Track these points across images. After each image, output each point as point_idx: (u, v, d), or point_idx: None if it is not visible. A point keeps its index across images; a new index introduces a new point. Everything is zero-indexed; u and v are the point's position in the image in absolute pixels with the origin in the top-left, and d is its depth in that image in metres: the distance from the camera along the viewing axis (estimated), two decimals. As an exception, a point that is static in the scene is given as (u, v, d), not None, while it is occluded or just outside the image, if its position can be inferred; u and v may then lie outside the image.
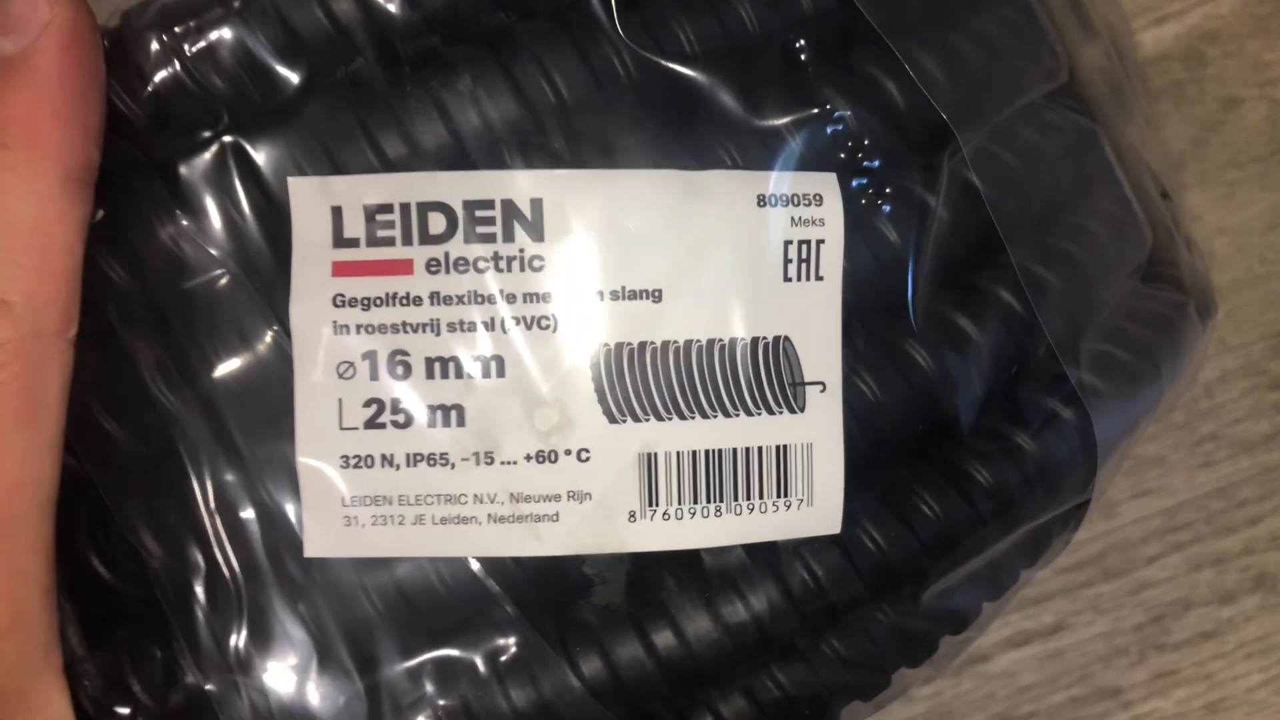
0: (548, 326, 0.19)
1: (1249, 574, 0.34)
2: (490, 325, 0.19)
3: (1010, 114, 0.22)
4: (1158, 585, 0.34)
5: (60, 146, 0.17)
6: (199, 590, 0.20)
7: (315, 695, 0.20)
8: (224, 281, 0.19)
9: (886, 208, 0.20)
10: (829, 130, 0.20)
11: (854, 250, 0.20)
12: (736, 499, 0.20)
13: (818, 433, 0.20)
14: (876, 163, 0.20)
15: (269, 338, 0.19)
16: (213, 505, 0.20)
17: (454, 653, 0.20)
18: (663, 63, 0.19)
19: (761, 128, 0.20)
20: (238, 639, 0.20)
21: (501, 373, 0.19)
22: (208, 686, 0.20)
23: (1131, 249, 0.25)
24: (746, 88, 0.20)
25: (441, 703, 0.19)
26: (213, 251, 0.19)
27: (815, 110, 0.20)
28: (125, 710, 0.20)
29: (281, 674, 0.20)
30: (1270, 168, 0.34)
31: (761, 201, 0.19)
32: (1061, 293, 0.22)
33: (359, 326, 0.19)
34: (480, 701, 0.19)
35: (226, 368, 0.19)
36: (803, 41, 0.20)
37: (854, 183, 0.20)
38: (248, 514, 0.20)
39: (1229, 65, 0.34)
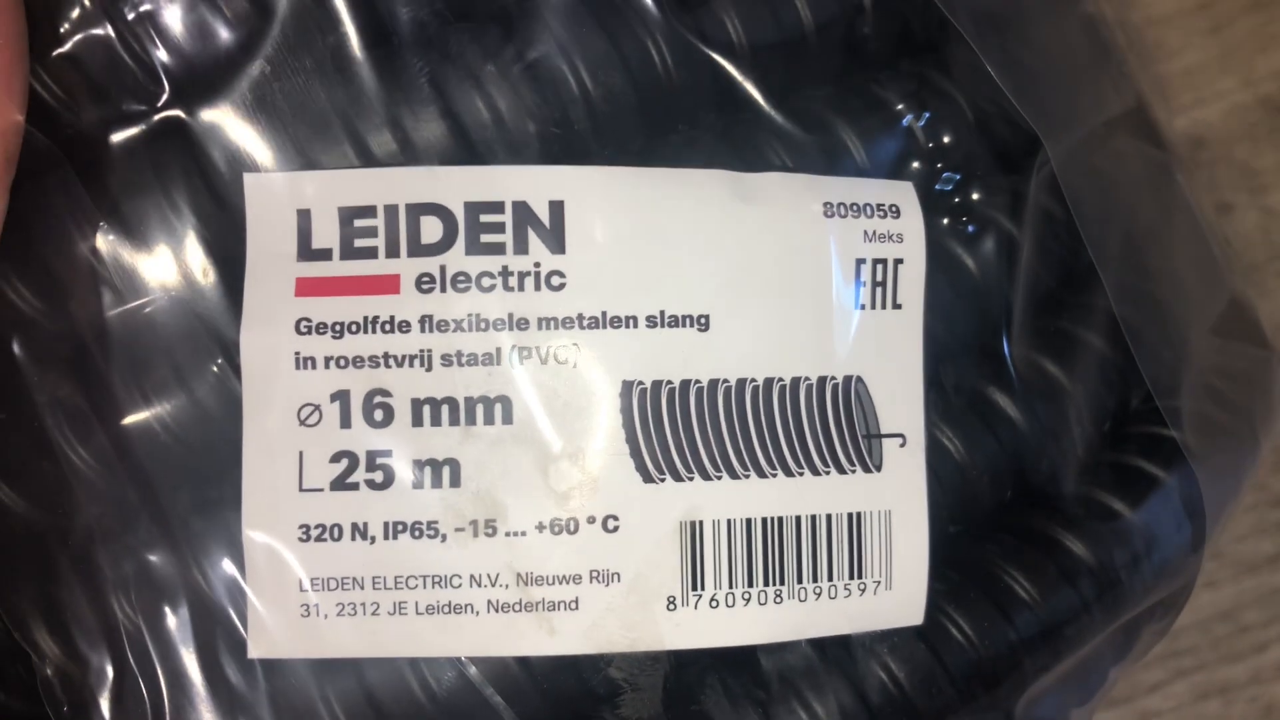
0: (567, 360, 0.15)
1: (1256, 705, 0.31)
2: (495, 358, 0.15)
3: (1090, 133, 0.19)
4: (1161, 716, 0.31)
5: None
6: (104, 706, 0.15)
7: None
8: (158, 306, 0.15)
9: (970, 228, 0.17)
10: (898, 135, 0.17)
11: (931, 279, 0.17)
12: (801, 581, 0.16)
13: (897, 497, 0.16)
14: (956, 176, 0.17)
15: (213, 376, 0.15)
16: (130, 593, 0.15)
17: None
18: (707, 51, 0.16)
19: (814, 127, 0.17)
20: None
21: (508, 419, 0.15)
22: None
23: (1215, 294, 0.22)
24: (801, 85, 0.17)
25: None
26: (145, 268, 0.15)
27: (878, 114, 0.17)
28: None
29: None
30: (1265, 276, 0.33)
31: (829, 210, 0.16)
32: (1156, 339, 0.19)
33: (328, 359, 0.15)
34: None
35: (156, 414, 0.15)
36: (866, 34, 0.17)
37: (931, 198, 0.17)
38: (176, 604, 0.15)
39: (1219, 171, 0.33)
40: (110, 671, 0.15)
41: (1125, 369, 0.19)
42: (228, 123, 0.15)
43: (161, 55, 0.15)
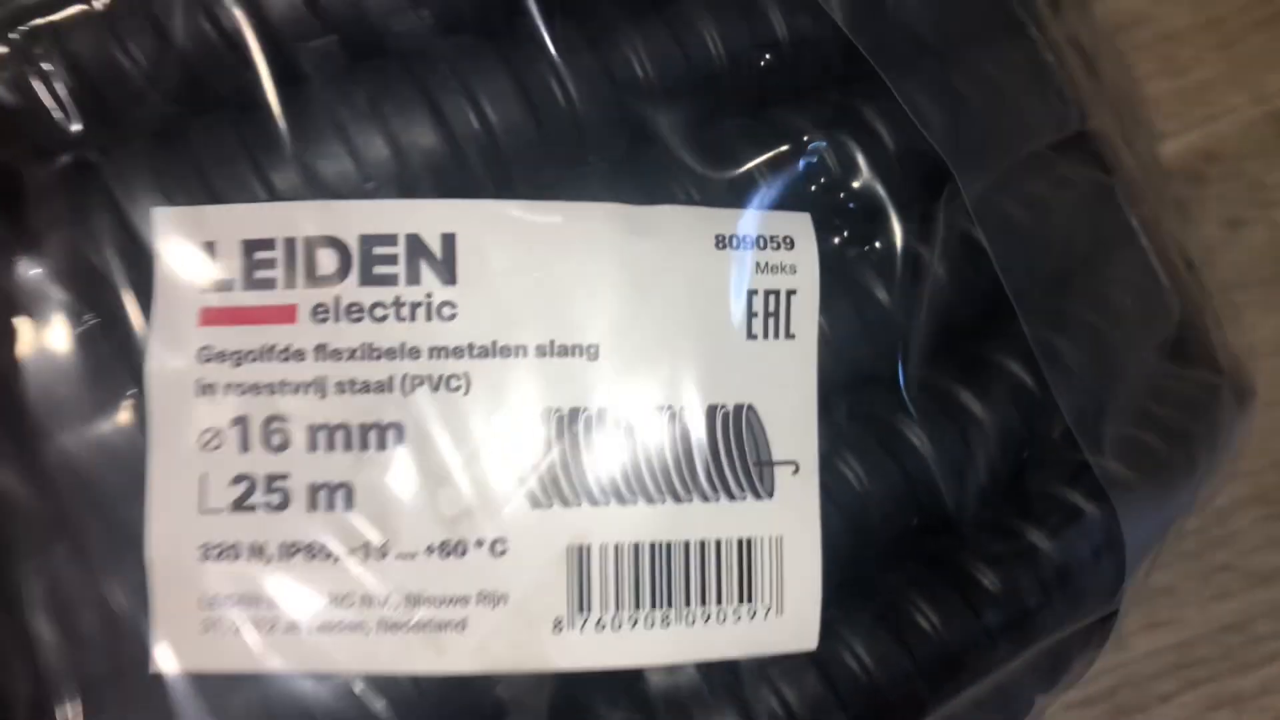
0: (458, 388, 0.16)
1: (1267, 715, 0.31)
2: (388, 386, 0.16)
3: (1017, 162, 0.19)
4: (1173, 726, 0.31)
5: None
6: (23, 717, 0.16)
7: None
8: (72, 335, 0.16)
9: (879, 256, 0.17)
10: (802, 165, 0.17)
11: (835, 307, 0.17)
12: (689, 604, 0.16)
13: (789, 523, 0.16)
14: (854, 206, 0.17)
15: (123, 402, 0.16)
16: (41, 610, 0.16)
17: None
18: (611, 81, 0.16)
19: (723, 159, 0.17)
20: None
21: (400, 444, 0.16)
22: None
23: (1157, 320, 0.22)
24: (706, 116, 0.17)
25: None
26: (58, 298, 0.16)
27: (786, 143, 0.17)
28: None
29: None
30: (1274, 291, 0.33)
31: (721, 242, 0.16)
32: (1080, 366, 0.19)
33: (228, 386, 0.16)
34: None
35: (68, 438, 0.16)
36: (774, 68, 0.17)
37: (833, 229, 0.17)
38: (86, 620, 0.16)
39: (1230, 186, 0.33)
40: (25, 684, 0.16)
41: (1046, 398, 0.19)
42: (138, 159, 0.16)
43: (73, 95, 0.16)
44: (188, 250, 0.16)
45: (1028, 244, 0.19)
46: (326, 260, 0.16)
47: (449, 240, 0.16)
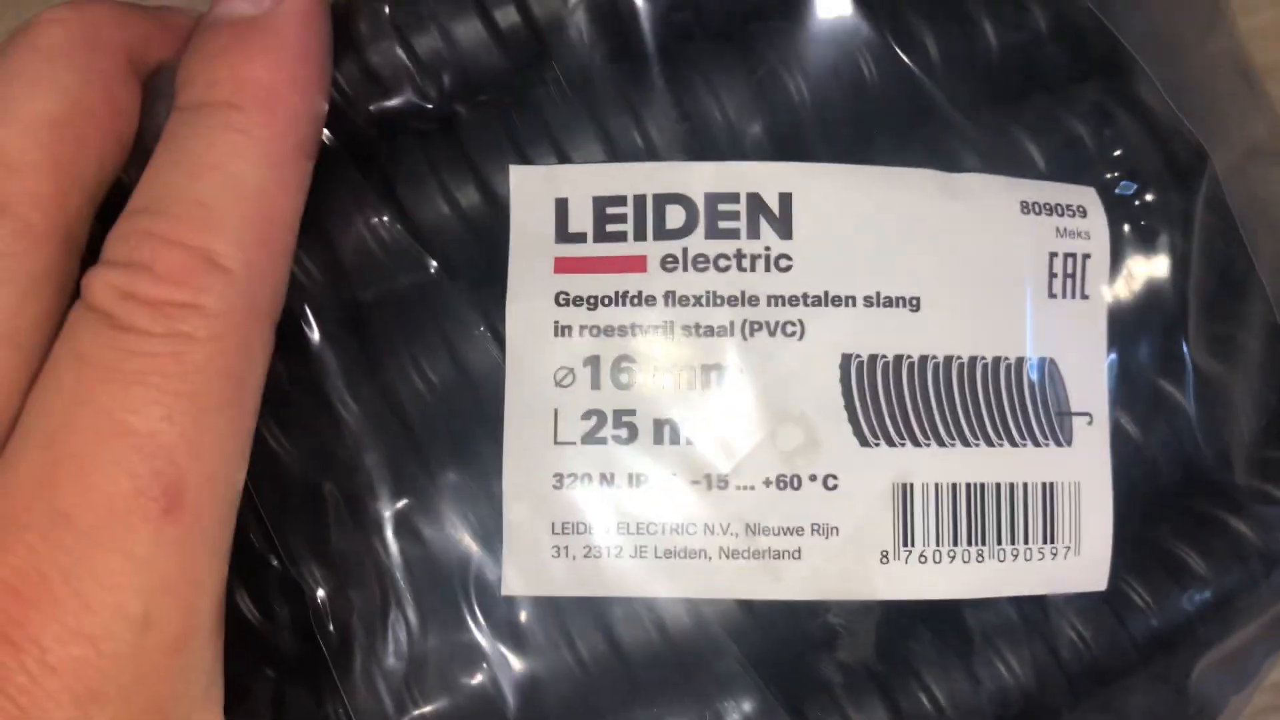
0: (794, 333, 0.17)
1: None
2: (730, 330, 0.17)
3: (1241, 154, 0.21)
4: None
5: (295, 114, 0.16)
6: (368, 633, 0.17)
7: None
8: (428, 281, 0.17)
9: (1146, 234, 0.19)
10: (1078, 148, 0.19)
11: (1113, 277, 0.18)
12: (1000, 543, 0.17)
13: (1085, 471, 0.18)
14: (1133, 185, 0.19)
15: (476, 343, 0.17)
16: (393, 534, 0.17)
17: (670, 716, 0.17)
18: (909, 65, 0.18)
19: (1007, 142, 0.18)
20: (409, 696, 0.17)
21: (740, 384, 0.17)
22: (369, 752, 0.17)
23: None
24: (987, 101, 0.19)
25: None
26: (417, 248, 0.17)
27: (1062, 127, 0.19)
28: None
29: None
30: None
31: (1025, 208, 0.18)
32: None
33: (583, 328, 0.17)
34: (702, 777, 0.16)
35: (425, 377, 0.17)
36: (1046, 55, 0.19)
37: (1110, 204, 0.19)
38: (436, 544, 0.17)
39: None
40: (378, 602, 0.17)
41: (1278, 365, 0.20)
42: (493, 122, 0.18)
43: (442, 66, 0.17)
44: (542, 205, 0.17)
45: (1261, 229, 0.21)
46: (675, 215, 0.17)
47: (785, 199, 0.17)
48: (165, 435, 0.14)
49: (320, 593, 0.17)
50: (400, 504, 0.17)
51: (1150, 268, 0.19)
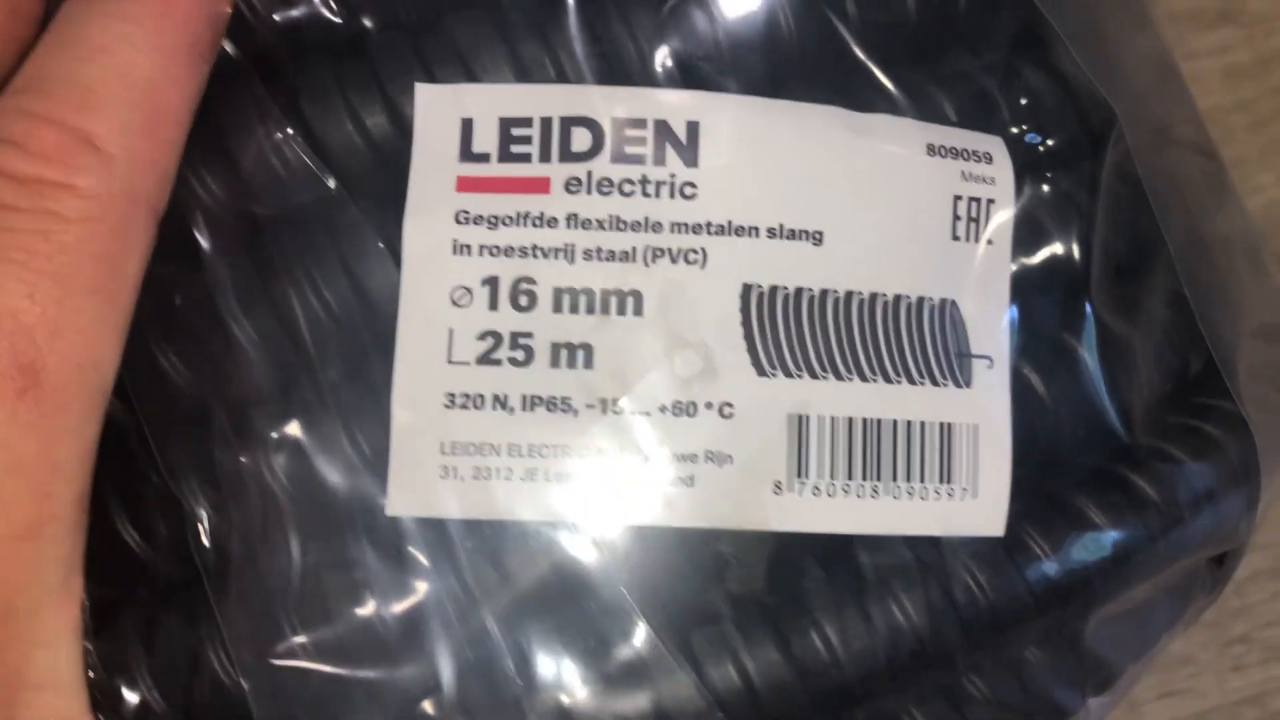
0: (695, 261, 0.17)
1: None
2: (632, 255, 0.17)
3: (1156, 130, 0.21)
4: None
5: (190, 11, 0.15)
6: (248, 555, 0.17)
7: (383, 692, 0.16)
8: (328, 199, 0.17)
9: (1051, 190, 0.19)
10: (988, 104, 0.19)
11: (1017, 228, 0.18)
12: (895, 479, 0.17)
13: (984, 414, 0.18)
14: (1041, 139, 0.19)
15: (374, 262, 0.17)
16: (278, 453, 0.17)
17: (554, 643, 0.16)
18: (827, 15, 0.18)
19: (921, 95, 0.19)
20: (288, 622, 0.16)
21: (639, 310, 0.17)
22: (241, 680, 0.16)
23: (1268, 304, 0.24)
24: (904, 58, 0.19)
25: (537, 703, 0.16)
26: (319, 165, 0.17)
27: (974, 85, 0.19)
28: (134, 699, 0.16)
29: (339, 660, 0.16)
30: None
31: (931, 150, 0.18)
32: (1218, 312, 0.20)
33: (482, 248, 0.17)
34: (584, 707, 0.16)
35: (321, 295, 0.17)
36: (961, 16, 0.19)
37: (1017, 157, 0.19)
38: (323, 465, 0.17)
39: None
40: (254, 527, 0.16)
41: (1186, 338, 0.20)
42: (403, 42, 0.17)
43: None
44: (447, 124, 0.17)
45: (1170, 202, 0.21)
46: (581, 138, 0.17)
47: (693, 127, 0.17)
48: (26, 314, 0.13)
49: (200, 511, 0.17)
50: (288, 424, 0.17)
51: (1056, 221, 0.19)
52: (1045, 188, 0.19)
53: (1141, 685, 0.32)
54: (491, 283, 0.17)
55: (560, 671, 0.16)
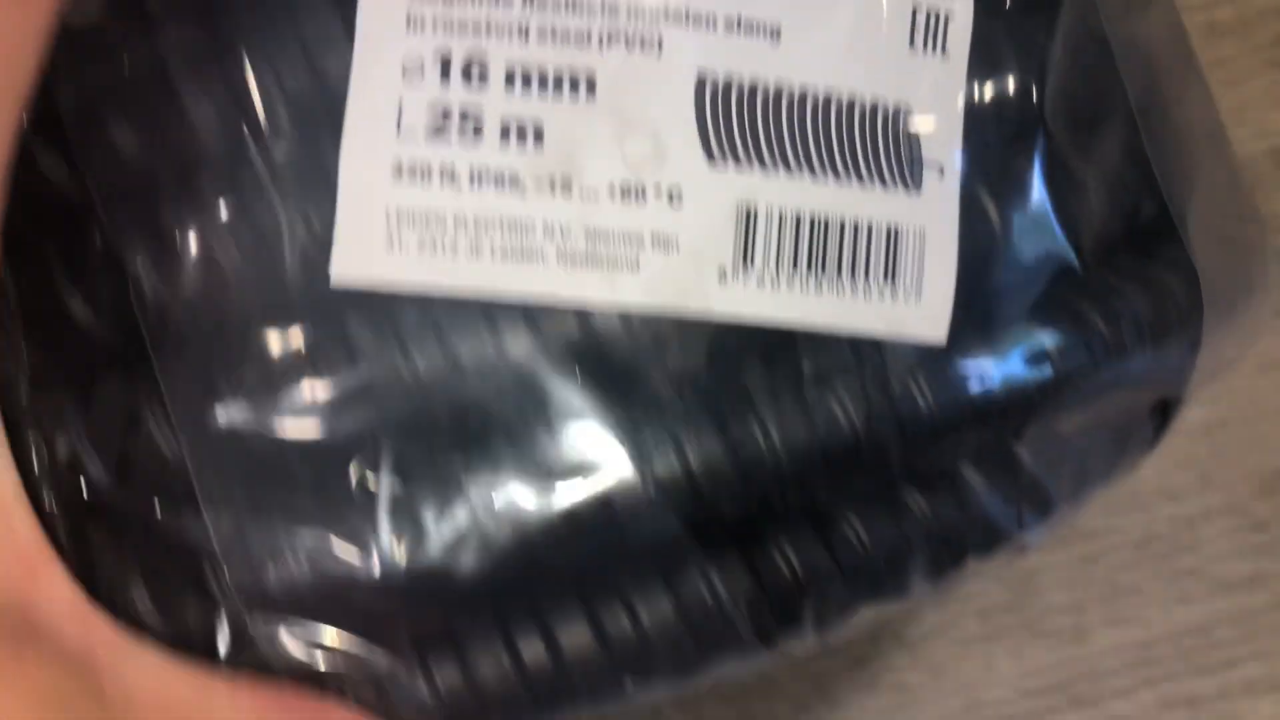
0: (650, 47, 0.17)
1: None
2: (587, 37, 0.17)
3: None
4: (1127, 720, 0.32)
5: None
6: (192, 319, 0.16)
7: (320, 459, 0.16)
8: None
9: (1010, 23, 0.19)
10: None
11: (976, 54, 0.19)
12: (840, 275, 0.17)
13: (932, 219, 0.18)
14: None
15: (328, 28, 0.17)
16: (226, 218, 0.17)
17: (495, 424, 0.16)
18: None
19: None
20: (226, 381, 0.16)
21: (592, 92, 0.17)
22: (181, 442, 0.16)
23: (1219, 163, 0.24)
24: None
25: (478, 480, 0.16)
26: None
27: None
28: (64, 452, 0.16)
29: (286, 424, 0.16)
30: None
31: (891, -42, 0.18)
32: (1174, 168, 0.21)
33: (437, 21, 0.17)
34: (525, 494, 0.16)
35: (270, 58, 0.17)
36: None
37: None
38: (270, 233, 0.16)
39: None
40: (203, 285, 0.16)
41: (1139, 185, 0.20)
42: None
43: None
44: (405, -100, 0.17)
45: (1133, 51, 0.21)
46: (539, -83, 0.17)
47: (652, -88, 0.17)
48: None
49: (143, 272, 0.17)
50: (235, 191, 0.17)
51: (1014, 52, 0.19)
52: (1006, 21, 0.19)
53: (1089, 613, 0.33)
54: (444, 57, 0.17)
55: (500, 456, 0.16)
